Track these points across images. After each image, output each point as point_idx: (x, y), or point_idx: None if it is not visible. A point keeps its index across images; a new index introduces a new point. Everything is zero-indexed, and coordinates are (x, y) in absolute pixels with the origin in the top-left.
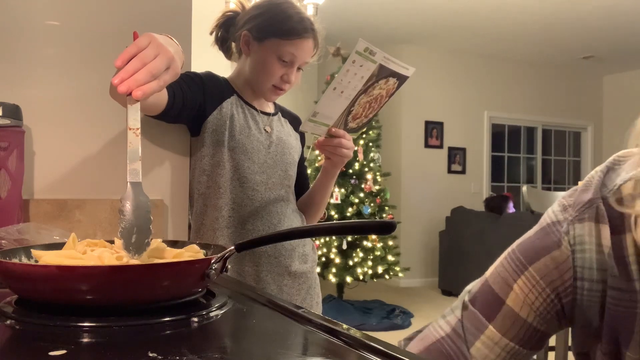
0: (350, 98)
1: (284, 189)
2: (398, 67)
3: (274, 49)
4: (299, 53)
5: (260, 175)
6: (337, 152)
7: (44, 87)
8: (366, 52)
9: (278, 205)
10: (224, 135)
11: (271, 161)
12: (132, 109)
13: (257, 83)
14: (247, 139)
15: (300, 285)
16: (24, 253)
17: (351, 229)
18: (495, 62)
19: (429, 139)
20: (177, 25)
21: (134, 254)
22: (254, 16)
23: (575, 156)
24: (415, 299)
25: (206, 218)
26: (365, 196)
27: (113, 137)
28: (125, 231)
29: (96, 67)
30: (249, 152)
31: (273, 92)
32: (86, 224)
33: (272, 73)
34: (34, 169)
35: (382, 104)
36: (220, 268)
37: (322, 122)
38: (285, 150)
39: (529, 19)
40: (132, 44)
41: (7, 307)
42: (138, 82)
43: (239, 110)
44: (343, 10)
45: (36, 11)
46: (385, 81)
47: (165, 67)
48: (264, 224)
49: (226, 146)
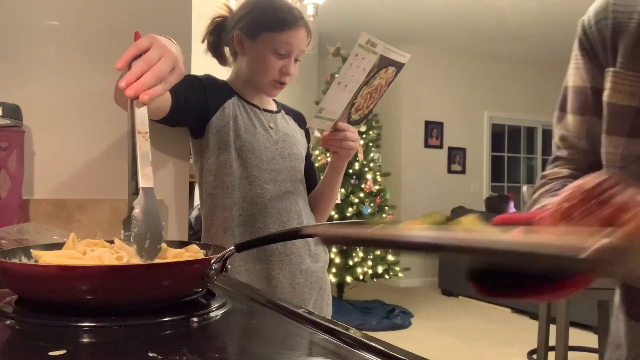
0: (353, 91)
1: (293, 184)
2: (396, 56)
3: (268, 44)
4: (294, 42)
5: (269, 173)
6: (344, 145)
7: (44, 87)
8: (368, 44)
9: (288, 201)
10: (228, 135)
11: (279, 157)
12: (140, 112)
13: (257, 80)
14: (253, 137)
15: (313, 285)
16: (24, 253)
17: None
18: (495, 62)
19: (429, 139)
20: (177, 26)
21: (147, 259)
22: (243, 15)
23: None
24: (415, 299)
25: (216, 218)
26: (365, 196)
27: (113, 137)
28: (138, 237)
29: (96, 67)
30: (256, 150)
31: (274, 86)
32: (86, 224)
33: (270, 67)
34: (34, 169)
35: (381, 93)
36: (220, 268)
37: (327, 117)
38: (292, 145)
39: (528, 19)
40: (132, 45)
41: (7, 307)
42: (145, 85)
43: (241, 110)
44: (343, 10)
45: (36, 11)
46: (385, 70)
47: (170, 68)
48: (274, 221)
49: (232, 146)
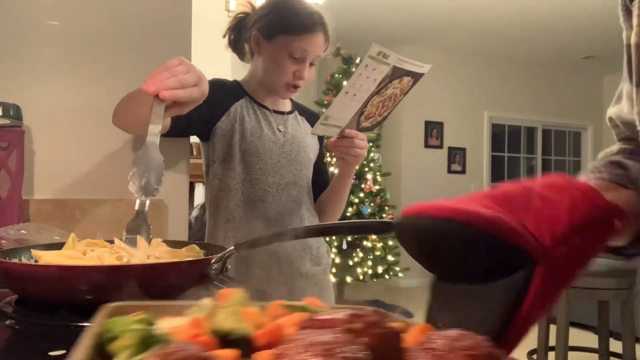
0: (362, 100)
1: (297, 190)
2: (412, 66)
3: (284, 46)
4: (309, 48)
5: (272, 176)
6: (350, 152)
7: (44, 87)
8: (379, 56)
9: (290, 206)
10: (233, 138)
11: (285, 161)
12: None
13: (270, 82)
14: (258, 140)
15: (313, 288)
16: (24, 253)
17: (351, 229)
18: (495, 62)
19: (429, 139)
20: (177, 26)
21: (142, 195)
22: (262, 15)
23: (576, 156)
24: (415, 299)
25: (219, 220)
26: (365, 196)
27: (113, 137)
28: (135, 175)
29: (96, 67)
30: (261, 154)
31: (287, 89)
32: (86, 224)
33: (284, 71)
34: (34, 169)
35: (397, 102)
36: (220, 268)
37: (334, 125)
38: (300, 149)
39: (529, 19)
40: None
41: (7, 307)
42: (166, 85)
43: (249, 112)
44: (343, 10)
45: (36, 11)
46: (399, 80)
47: (194, 83)
48: (276, 226)
49: (237, 149)
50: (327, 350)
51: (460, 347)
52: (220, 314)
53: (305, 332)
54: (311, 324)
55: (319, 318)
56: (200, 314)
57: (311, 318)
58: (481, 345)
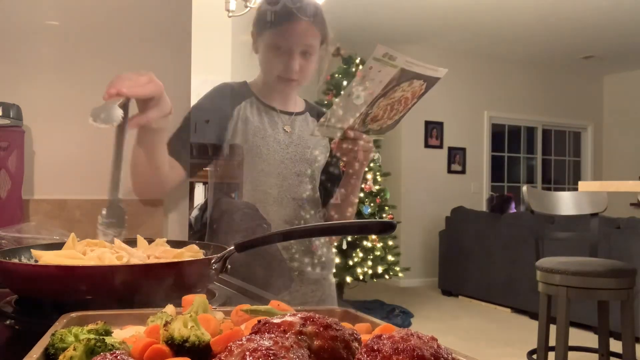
0: (367, 102)
1: (300, 190)
2: (424, 70)
3: (267, 40)
4: (290, 36)
5: (275, 178)
6: (353, 153)
7: (44, 87)
8: (385, 58)
9: (292, 207)
10: (236, 139)
11: (289, 162)
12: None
13: (265, 77)
14: (262, 141)
15: (314, 292)
16: (24, 253)
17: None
18: (495, 62)
19: (429, 139)
20: (177, 25)
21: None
22: (255, 14)
23: (576, 156)
24: (415, 299)
25: (221, 221)
26: (365, 196)
27: (113, 137)
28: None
29: (96, 67)
30: (264, 155)
31: (282, 82)
32: (86, 224)
33: (271, 63)
34: (34, 169)
35: (408, 106)
36: (220, 268)
37: (334, 126)
38: (306, 149)
39: (529, 19)
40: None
41: (7, 307)
42: (123, 85)
43: (254, 112)
44: (343, 10)
45: (36, 11)
46: (409, 84)
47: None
48: (276, 228)
49: (241, 150)
50: (268, 356)
51: (404, 348)
52: (176, 322)
53: (255, 337)
54: (263, 328)
55: (271, 322)
56: (159, 322)
57: (265, 322)
58: (427, 345)
